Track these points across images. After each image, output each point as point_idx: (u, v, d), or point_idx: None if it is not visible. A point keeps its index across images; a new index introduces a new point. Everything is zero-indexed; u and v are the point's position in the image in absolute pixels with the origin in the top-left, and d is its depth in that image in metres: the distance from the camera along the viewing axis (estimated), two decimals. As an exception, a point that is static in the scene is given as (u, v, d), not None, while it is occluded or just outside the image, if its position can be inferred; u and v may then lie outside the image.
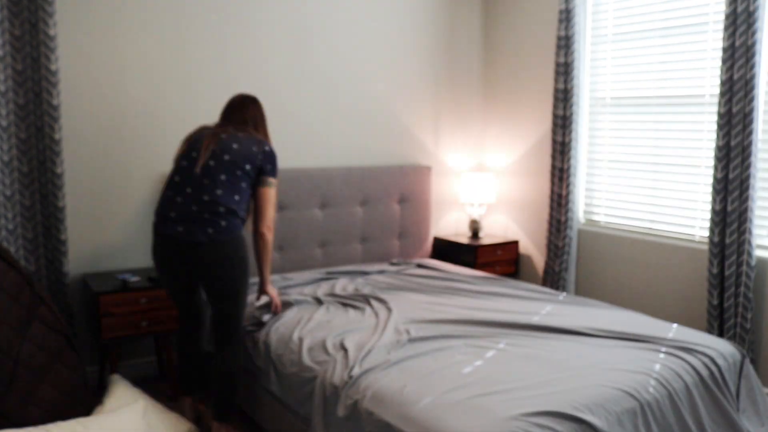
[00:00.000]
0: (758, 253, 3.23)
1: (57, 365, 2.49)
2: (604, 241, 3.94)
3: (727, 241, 3.20)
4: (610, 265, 3.92)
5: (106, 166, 3.39)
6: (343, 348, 2.56)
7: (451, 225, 4.70)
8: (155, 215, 2.68)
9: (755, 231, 3.18)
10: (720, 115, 3.18)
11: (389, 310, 3.00)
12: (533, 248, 4.42)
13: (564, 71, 3.94)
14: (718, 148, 3.21)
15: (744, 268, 3.15)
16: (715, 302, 3.26)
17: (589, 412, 2.04)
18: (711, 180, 3.30)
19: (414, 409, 2.04)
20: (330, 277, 3.69)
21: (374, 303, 3.12)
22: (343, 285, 3.49)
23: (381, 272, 3.84)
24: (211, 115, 3.64)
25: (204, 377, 2.86)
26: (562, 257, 4.04)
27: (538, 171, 4.35)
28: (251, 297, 3.07)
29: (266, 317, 2.95)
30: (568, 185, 3.99)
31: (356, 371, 2.32)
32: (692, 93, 3.50)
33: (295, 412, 2.55)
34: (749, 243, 3.14)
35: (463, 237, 4.48)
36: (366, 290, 3.36)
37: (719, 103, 3.18)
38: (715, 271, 3.25)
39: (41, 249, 3.17)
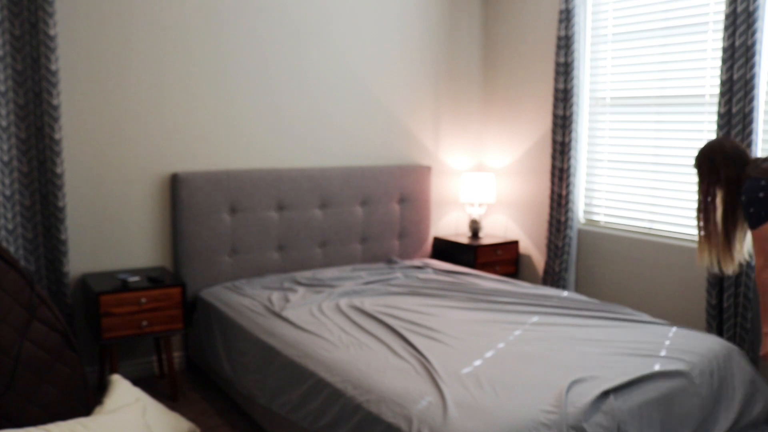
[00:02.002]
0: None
1: (57, 365, 2.49)
2: (604, 241, 3.94)
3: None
4: (610, 265, 3.91)
5: (106, 166, 3.39)
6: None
7: (451, 225, 4.70)
8: None
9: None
10: (720, 115, 3.18)
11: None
12: (533, 248, 4.42)
13: (564, 71, 3.94)
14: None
15: (744, 268, 3.15)
16: (714, 302, 3.26)
17: (589, 414, 2.04)
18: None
19: (414, 408, 2.04)
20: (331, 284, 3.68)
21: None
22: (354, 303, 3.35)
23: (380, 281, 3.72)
24: (210, 114, 3.64)
25: None
26: (562, 257, 4.03)
27: (538, 171, 4.35)
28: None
29: None
30: (568, 185, 3.98)
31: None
32: (692, 93, 3.50)
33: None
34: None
35: (463, 237, 4.48)
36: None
37: (719, 103, 3.18)
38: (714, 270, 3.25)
39: (41, 249, 3.18)
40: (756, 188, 2.46)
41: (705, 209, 2.71)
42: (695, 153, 3.47)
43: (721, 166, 2.64)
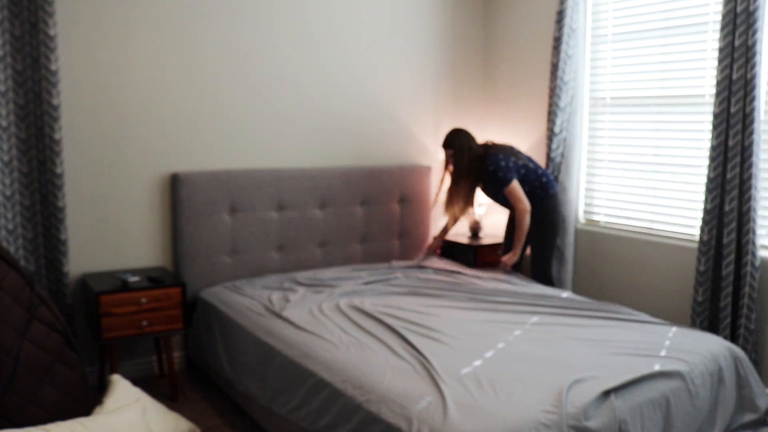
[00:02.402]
0: (762, 253, 3.22)
1: (57, 365, 2.49)
2: (604, 240, 3.94)
3: (725, 240, 3.19)
4: (610, 265, 3.91)
5: (106, 166, 3.39)
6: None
7: (451, 225, 4.70)
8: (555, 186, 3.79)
9: (758, 231, 3.17)
10: (715, 116, 3.18)
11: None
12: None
13: (564, 71, 3.93)
14: (712, 148, 3.21)
15: (748, 268, 3.14)
16: (700, 299, 3.28)
17: (589, 414, 2.04)
18: (704, 180, 3.30)
19: (414, 408, 2.04)
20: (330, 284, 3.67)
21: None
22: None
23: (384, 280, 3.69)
24: (210, 114, 3.64)
25: None
26: (562, 257, 4.04)
27: (538, 171, 4.34)
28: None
29: None
30: (568, 185, 3.99)
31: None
32: (692, 93, 3.50)
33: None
34: (753, 243, 3.12)
35: (463, 237, 4.48)
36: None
37: (714, 103, 3.18)
38: (702, 269, 3.26)
39: (41, 249, 3.18)
40: (498, 160, 3.69)
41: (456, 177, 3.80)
42: (691, 152, 3.48)
43: (472, 144, 3.81)
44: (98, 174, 3.37)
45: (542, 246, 3.83)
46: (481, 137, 4.77)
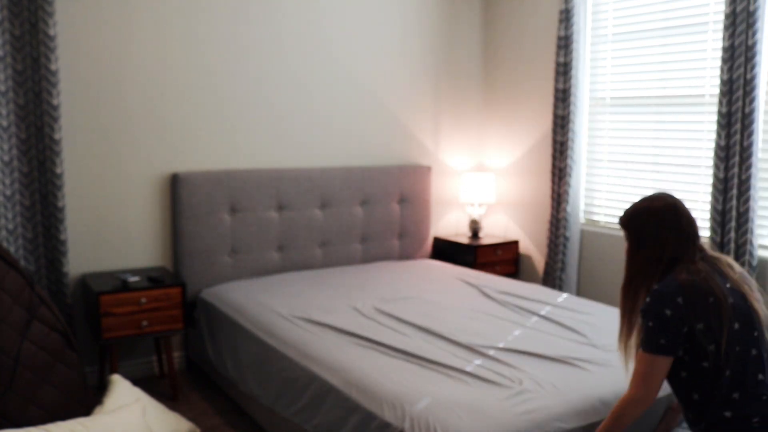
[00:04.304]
0: (761, 253, 3.22)
1: (57, 365, 2.49)
2: (605, 240, 3.94)
3: (726, 239, 3.19)
4: (611, 265, 3.91)
5: (106, 166, 3.39)
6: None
7: (451, 225, 4.70)
8: None
9: (756, 231, 3.17)
10: (722, 115, 3.18)
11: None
12: (533, 248, 4.42)
13: (564, 71, 3.93)
14: (720, 148, 3.20)
15: (745, 267, 3.15)
16: None
17: (592, 413, 2.04)
18: (711, 180, 3.29)
19: (414, 408, 2.04)
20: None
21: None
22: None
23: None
24: (210, 114, 3.64)
25: None
26: (563, 257, 4.04)
27: (538, 171, 4.35)
28: None
29: None
30: (566, 185, 3.99)
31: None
32: (692, 93, 3.50)
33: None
34: (751, 243, 3.13)
35: (463, 237, 4.48)
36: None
37: (721, 103, 3.17)
38: None
39: (41, 249, 3.18)
40: (669, 297, 1.73)
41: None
42: (692, 153, 3.48)
43: (671, 234, 1.85)
44: (98, 174, 3.37)
45: None
46: (480, 137, 4.78)
